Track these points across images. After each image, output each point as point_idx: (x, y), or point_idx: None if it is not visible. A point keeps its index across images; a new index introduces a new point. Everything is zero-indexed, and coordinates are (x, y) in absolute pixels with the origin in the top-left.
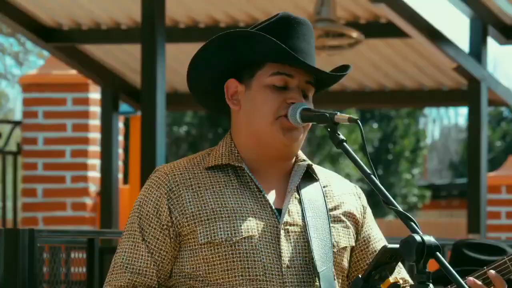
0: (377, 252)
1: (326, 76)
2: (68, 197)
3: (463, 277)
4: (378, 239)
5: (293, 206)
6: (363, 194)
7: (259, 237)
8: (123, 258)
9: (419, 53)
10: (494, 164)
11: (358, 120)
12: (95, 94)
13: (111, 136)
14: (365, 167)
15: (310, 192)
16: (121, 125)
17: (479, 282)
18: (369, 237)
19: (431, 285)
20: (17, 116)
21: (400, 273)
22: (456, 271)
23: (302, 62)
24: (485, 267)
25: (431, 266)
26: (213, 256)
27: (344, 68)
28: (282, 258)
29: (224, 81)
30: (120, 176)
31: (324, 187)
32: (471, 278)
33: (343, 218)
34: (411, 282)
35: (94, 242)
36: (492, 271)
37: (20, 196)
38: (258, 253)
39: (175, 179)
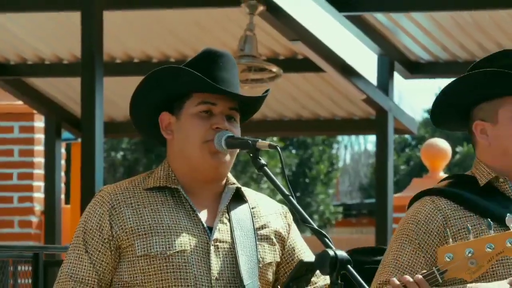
0: (295, 265)
1: (246, 101)
2: (15, 215)
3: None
4: (303, 251)
5: (223, 225)
6: (289, 213)
7: (191, 251)
8: (68, 268)
9: (332, 86)
10: (400, 186)
11: (277, 147)
12: (39, 122)
13: (54, 161)
14: (284, 189)
15: (239, 212)
16: (63, 150)
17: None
18: (293, 250)
19: None
20: None
21: None
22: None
23: (220, 89)
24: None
25: None
26: (149, 267)
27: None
28: (212, 271)
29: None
30: (63, 196)
31: (252, 208)
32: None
33: (270, 236)
34: None
35: (39, 256)
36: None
37: None
38: (190, 266)
39: (116, 198)
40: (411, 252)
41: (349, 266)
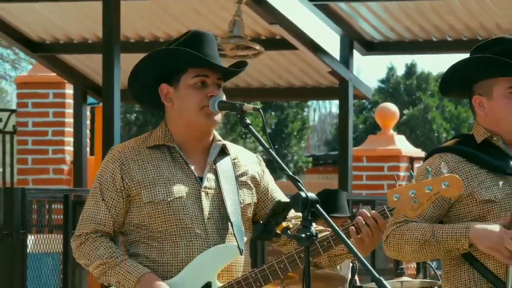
0: (273, 204)
1: (231, 72)
2: (50, 164)
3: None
4: (275, 190)
5: (211, 175)
6: (262, 161)
7: (187, 197)
8: (88, 213)
9: (304, 61)
10: (358, 141)
11: (260, 109)
12: (69, 90)
13: (81, 121)
14: (265, 143)
15: (223, 164)
16: (88, 113)
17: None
18: (267, 189)
19: (312, 228)
20: (13, 106)
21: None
22: None
23: (215, 64)
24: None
25: None
26: (153, 211)
27: (241, 64)
28: (204, 212)
29: (157, 85)
30: (88, 149)
31: (233, 159)
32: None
33: (248, 181)
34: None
35: (69, 197)
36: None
37: (15, 164)
38: (186, 209)
39: (125, 155)
40: None
41: (317, 205)
